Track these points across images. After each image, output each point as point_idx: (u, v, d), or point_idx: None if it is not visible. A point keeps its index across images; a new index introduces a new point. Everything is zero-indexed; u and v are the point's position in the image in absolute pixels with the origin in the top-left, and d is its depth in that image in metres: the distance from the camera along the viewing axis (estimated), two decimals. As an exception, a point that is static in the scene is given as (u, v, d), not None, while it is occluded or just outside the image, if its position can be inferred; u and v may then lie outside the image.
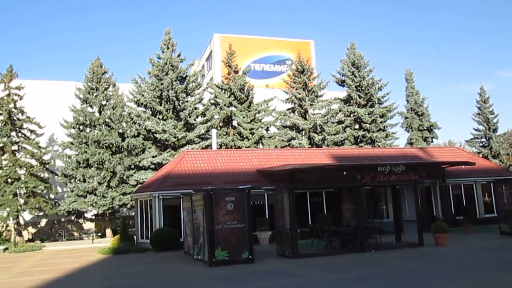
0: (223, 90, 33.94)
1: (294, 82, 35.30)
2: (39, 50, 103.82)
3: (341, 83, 37.33)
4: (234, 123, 33.30)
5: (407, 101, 41.38)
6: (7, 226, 30.49)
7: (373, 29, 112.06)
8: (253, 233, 16.41)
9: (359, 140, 35.21)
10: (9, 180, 30.11)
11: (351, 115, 35.71)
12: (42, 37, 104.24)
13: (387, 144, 35.13)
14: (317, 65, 39.53)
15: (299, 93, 34.48)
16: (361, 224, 16.41)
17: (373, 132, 34.95)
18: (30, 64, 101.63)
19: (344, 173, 22.36)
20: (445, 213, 24.30)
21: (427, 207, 23.86)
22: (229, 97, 33.38)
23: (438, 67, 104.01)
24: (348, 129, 35.00)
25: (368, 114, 35.14)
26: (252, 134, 31.82)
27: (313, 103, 34.76)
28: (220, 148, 30.36)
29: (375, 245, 16.72)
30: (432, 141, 40.30)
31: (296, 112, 34.94)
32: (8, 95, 31.04)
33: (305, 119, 34.14)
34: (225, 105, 32.99)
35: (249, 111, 32.83)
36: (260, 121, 33.36)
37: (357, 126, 36.02)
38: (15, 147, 31.33)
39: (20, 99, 31.35)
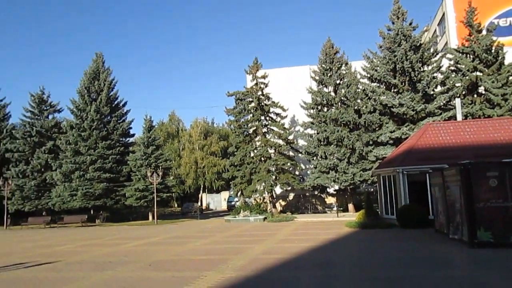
0: (465, 54, 30.49)
1: (559, 33, 29.03)
2: (276, 39, 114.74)
3: None
4: (481, 89, 29.60)
5: None
6: (264, 198, 35.01)
7: None
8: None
9: None
10: (262, 159, 34.47)
11: None
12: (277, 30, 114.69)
13: None
14: None
15: None
16: None
17: None
18: (268, 54, 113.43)
19: None
20: None
21: None
22: (472, 61, 29.80)
23: None
24: None
25: None
26: (505, 100, 27.65)
27: None
28: (466, 118, 27.51)
29: None
30: None
31: None
32: (256, 84, 35.37)
33: None
34: (468, 70, 29.63)
35: (499, 74, 28.61)
36: (514, 85, 28.76)
37: None
38: (265, 130, 35.65)
39: (266, 86, 35.37)
